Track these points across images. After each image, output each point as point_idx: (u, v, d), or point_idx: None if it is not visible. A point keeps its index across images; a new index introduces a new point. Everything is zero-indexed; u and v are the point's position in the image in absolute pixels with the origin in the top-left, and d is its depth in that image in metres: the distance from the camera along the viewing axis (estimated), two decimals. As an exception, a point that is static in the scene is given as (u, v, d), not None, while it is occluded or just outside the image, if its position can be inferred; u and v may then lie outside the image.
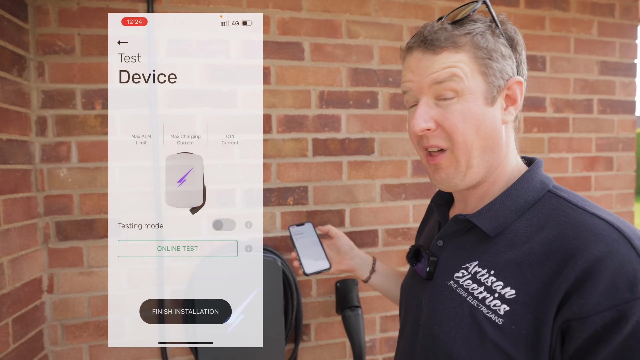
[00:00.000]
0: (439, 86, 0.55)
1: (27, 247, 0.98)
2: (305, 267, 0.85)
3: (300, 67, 1.17)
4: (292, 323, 1.13)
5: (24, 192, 0.98)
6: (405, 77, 0.59)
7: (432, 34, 0.55)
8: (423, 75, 0.56)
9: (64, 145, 1.04)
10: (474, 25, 0.56)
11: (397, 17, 1.23)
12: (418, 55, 0.57)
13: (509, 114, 0.58)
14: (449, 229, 0.62)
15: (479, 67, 0.54)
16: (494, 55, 0.55)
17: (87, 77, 1.05)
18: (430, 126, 0.56)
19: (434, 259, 0.62)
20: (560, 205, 0.52)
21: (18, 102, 0.96)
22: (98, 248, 1.06)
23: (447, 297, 0.57)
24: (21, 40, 0.98)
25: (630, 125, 1.48)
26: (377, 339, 1.26)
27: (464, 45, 0.54)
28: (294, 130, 1.17)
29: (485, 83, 0.55)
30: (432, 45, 0.55)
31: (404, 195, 1.26)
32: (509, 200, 0.55)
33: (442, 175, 0.58)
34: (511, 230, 0.54)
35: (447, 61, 0.54)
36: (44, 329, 1.04)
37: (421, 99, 0.57)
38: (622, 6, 1.44)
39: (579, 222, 0.48)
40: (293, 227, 0.91)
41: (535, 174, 0.57)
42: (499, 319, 0.49)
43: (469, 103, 0.54)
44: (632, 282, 0.41)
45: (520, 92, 0.57)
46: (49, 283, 1.05)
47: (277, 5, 1.14)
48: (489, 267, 0.53)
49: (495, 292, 0.51)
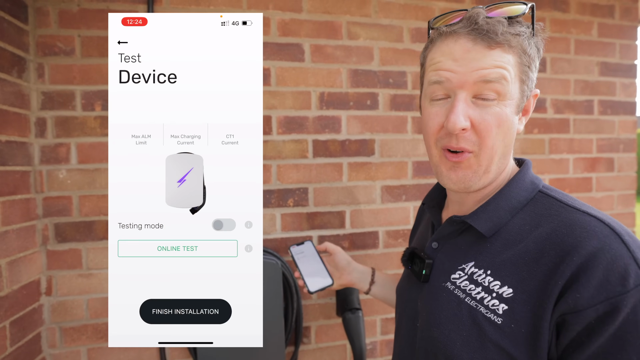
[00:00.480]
0: (485, 85, 0.51)
1: (25, 249, 0.97)
2: (309, 286, 0.89)
3: (301, 69, 1.17)
4: (292, 325, 1.12)
5: (22, 193, 0.97)
6: (444, 64, 0.53)
7: (489, 24, 0.50)
8: (470, 68, 0.51)
9: (63, 146, 1.04)
10: (521, 27, 0.52)
11: (397, 19, 1.23)
12: (467, 45, 0.51)
13: (521, 123, 0.58)
14: (444, 231, 0.62)
15: (520, 73, 0.53)
16: (532, 64, 0.54)
17: (87, 78, 1.05)
18: (468, 125, 0.52)
19: (430, 261, 0.61)
20: (552, 204, 0.53)
21: (17, 103, 0.96)
22: (97, 250, 1.06)
23: (444, 299, 0.57)
24: (21, 41, 0.98)
25: (630, 126, 1.47)
26: (378, 342, 1.25)
27: (515, 47, 0.51)
28: (294, 132, 1.17)
29: (520, 91, 0.54)
30: (487, 38, 0.50)
31: (405, 196, 1.26)
32: (502, 200, 0.56)
33: (460, 175, 0.56)
34: (506, 230, 0.54)
35: (500, 60, 0.50)
36: (42, 332, 1.03)
37: (458, 94, 0.52)
38: (621, 7, 1.44)
39: (571, 220, 0.49)
40: (294, 247, 0.96)
41: (526, 174, 0.58)
42: (498, 319, 0.49)
43: (507, 108, 0.52)
44: (624, 276, 0.43)
45: (533, 103, 0.59)
46: (47, 285, 1.04)
47: (277, 7, 1.14)
48: (486, 267, 0.53)
49: (493, 291, 0.51)
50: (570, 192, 1.40)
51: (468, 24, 0.51)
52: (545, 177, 1.39)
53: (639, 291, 0.42)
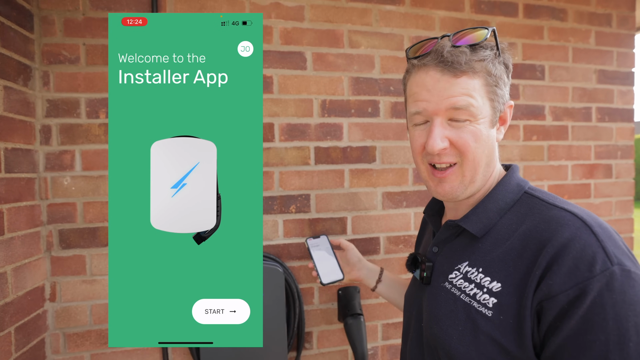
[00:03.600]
0: (455, 111, 0.57)
1: (30, 256, 0.98)
2: (322, 278, 0.94)
3: (303, 77, 1.18)
4: (294, 331, 1.13)
5: (27, 200, 0.98)
6: (420, 95, 0.59)
7: (453, 55, 0.56)
8: (441, 97, 0.57)
9: (67, 153, 1.05)
10: (485, 52, 0.58)
11: (397, 27, 1.25)
12: (435, 75, 0.57)
13: (500, 132, 0.63)
14: (442, 236, 0.67)
15: (488, 93, 0.58)
16: (499, 82, 0.59)
17: (91, 86, 1.06)
18: (446, 145, 0.58)
19: (430, 264, 0.66)
20: (534, 204, 0.58)
21: (23, 111, 0.97)
22: (101, 256, 1.07)
23: (442, 297, 0.62)
24: (27, 50, 0.99)
25: (628, 133, 1.49)
26: (379, 347, 1.26)
27: (479, 72, 0.57)
28: (296, 139, 1.18)
29: (492, 108, 0.59)
30: (452, 68, 0.56)
31: (405, 202, 1.27)
32: (490, 203, 0.61)
33: (447, 188, 0.61)
34: (495, 230, 0.59)
35: (466, 87, 0.56)
36: (46, 338, 1.03)
37: (435, 120, 0.58)
38: (619, 16, 1.46)
39: (549, 216, 0.54)
40: (310, 240, 1.01)
41: (511, 178, 0.63)
42: (488, 312, 0.53)
43: (480, 126, 0.58)
44: (591, 263, 0.47)
45: (510, 114, 0.64)
46: (52, 291, 1.05)
47: (279, 16, 1.16)
48: (478, 266, 0.58)
49: (484, 287, 0.55)
50: (568, 199, 1.41)
51: (435, 56, 0.57)
52: (544, 184, 1.40)
53: (604, 276, 0.46)
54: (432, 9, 1.27)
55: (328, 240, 1.02)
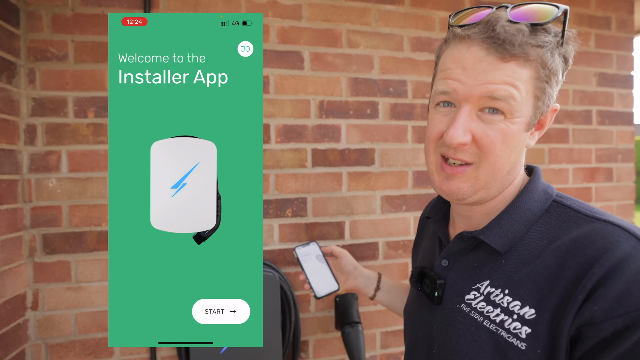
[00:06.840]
0: (491, 101, 0.47)
1: (10, 262, 0.93)
2: (316, 291, 0.85)
3: (300, 77, 1.15)
4: (289, 340, 1.09)
5: (9, 203, 0.93)
6: (453, 73, 0.49)
7: (507, 32, 0.45)
8: (477, 80, 0.47)
9: (53, 154, 1.00)
10: (547, 37, 0.47)
11: (397, 28, 1.22)
12: (479, 53, 0.47)
13: (533, 138, 0.54)
14: (454, 248, 0.58)
15: (535, 89, 0.48)
16: (552, 79, 0.48)
17: (80, 84, 1.01)
18: (467, 140, 0.49)
19: (442, 281, 0.57)
20: (568, 215, 0.49)
21: (6, 109, 0.93)
22: (87, 262, 1.02)
23: (460, 322, 0.53)
24: (12, 46, 0.94)
25: (628, 137, 1.48)
26: (378, 356, 1.22)
27: (533, 61, 0.46)
28: (293, 141, 1.14)
29: (534, 108, 0.49)
30: (501, 48, 0.46)
31: (405, 206, 1.24)
32: (516, 213, 0.52)
33: (453, 187, 0.52)
34: (522, 245, 0.50)
35: (512, 75, 0.46)
36: (27, 349, 0.98)
37: (463, 107, 0.49)
38: (618, 19, 1.45)
39: (592, 231, 0.45)
40: (299, 248, 0.91)
41: (537, 184, 0.54)
42: (521, 344, 0.46)
43: (514, 126, 0.48)
44: None
45: (551, 119, 0.53)
46: (34, 299, 0.99)
47: (276, 14, 1.13)
48: (503, 286, 0.50)
49: (514, 313, 0.47)
50: (570, 203, 1.39)
51: (485, 29, 0.47)
52: (545, 187, 1.38)
53: None
54: (432, 9, 1.25)
55: (319, 247, 0.92)
